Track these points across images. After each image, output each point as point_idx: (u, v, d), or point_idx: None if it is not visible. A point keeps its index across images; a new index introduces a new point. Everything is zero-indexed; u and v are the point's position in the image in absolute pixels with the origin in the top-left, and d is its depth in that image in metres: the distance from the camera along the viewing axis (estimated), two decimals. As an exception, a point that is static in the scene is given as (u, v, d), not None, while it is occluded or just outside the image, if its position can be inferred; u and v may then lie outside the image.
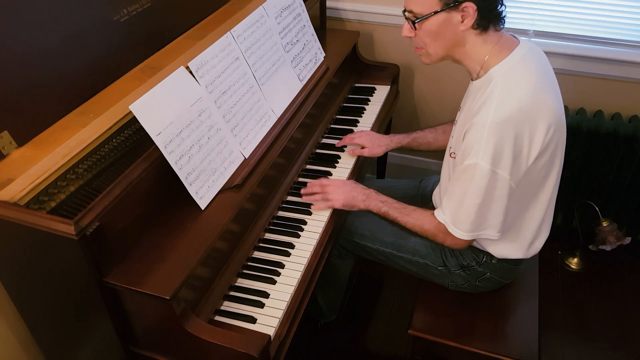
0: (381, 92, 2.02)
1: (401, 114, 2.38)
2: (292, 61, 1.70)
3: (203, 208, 1.24)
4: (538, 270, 1.58)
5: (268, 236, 1.43)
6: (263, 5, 1.61)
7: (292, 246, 1.39)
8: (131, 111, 1.12)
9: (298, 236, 1.42)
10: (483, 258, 1.42)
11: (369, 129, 1.81)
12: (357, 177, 1.66)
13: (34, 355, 1.42)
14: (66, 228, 0.98)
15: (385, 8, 2.11)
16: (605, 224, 2.10)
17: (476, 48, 1.23)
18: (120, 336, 1.18)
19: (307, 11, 1.83)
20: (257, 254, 1.37)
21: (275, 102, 1.57)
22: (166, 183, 1.22)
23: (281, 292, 1.27)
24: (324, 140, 1.79)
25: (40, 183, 1.03)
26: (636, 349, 1.87)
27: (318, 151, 1.74)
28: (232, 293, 1.27)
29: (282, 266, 1.33)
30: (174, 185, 1.21)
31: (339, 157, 1.71)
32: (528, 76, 1.20)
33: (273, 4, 1.65)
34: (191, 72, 1.30)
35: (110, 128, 1.15)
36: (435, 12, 1.19)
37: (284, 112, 1.58)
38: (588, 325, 1.96)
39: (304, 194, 1.52)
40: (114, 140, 1.20)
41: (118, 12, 1.31)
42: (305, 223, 1.46)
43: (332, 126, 1.86)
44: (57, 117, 1.18)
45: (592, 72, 1.95)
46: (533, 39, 2.00)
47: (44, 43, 1.13)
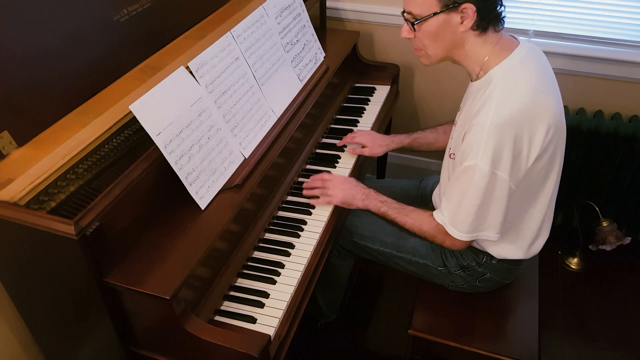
0: (381, 92, 2.02)
1: (401, 114, 2.38)
2: (292, 61, 1.70)
3: (203, 208, 1.24)
4: (538, 270, 1.58)
5: (268, 236, 1.43)
6: (263, 5, 1.61)
7: (292, 246, 1.39)
8: (131, 111, 1.12)
9: (298, 236, 1.42)
10: (483, 258, 1.42)
11: (369, 129, 1.81)
12: (357, 177, 1.66)
13: (34, 355, 1.42)
14: (66, 228, 0.98)
15: (385, 8, 2.11)
16: (605, 224, 2.10)
17: (476, 49, 1.23)
18: (120, 336, 1.18)
19: (307, 11, 1.83)
20: (257, 254, 1.37)
21: (275, 102, 1.57)
22: (166, 183, 1.22)
23: (281, 292, 1.27)
24: (324, 140, 1.79)
25: (40, 183, 1.03)
26: (636, 349, 1.87)
27: (318, 151, 1.74)
28: (232, 293, 1.27)
29: (282, 266, 1.33)
30: (174, 185, 1.21)
31: (339, 157, 1.71)
32: (528, 77, 1.19)
33: (273, 4, 1.65)
34: (191, 72, 1.30)
35: (110, 128, 1.15)
36: (434, 14, 1.18)
37: (284, 112, 1.58)
38: (588, 325, 1.96)
39: (305, 188, 1.53)
40: (114, 140, 1.20)
41: (118, 12, 1.31)
42: (305, 223, 1.46)
43: (332, 126, 1.86)
44: (57, 117, 1.18)
45: (592, 72, 1.95)
46: (533, 39, 2.00)
47: (44, 43, 1.13)
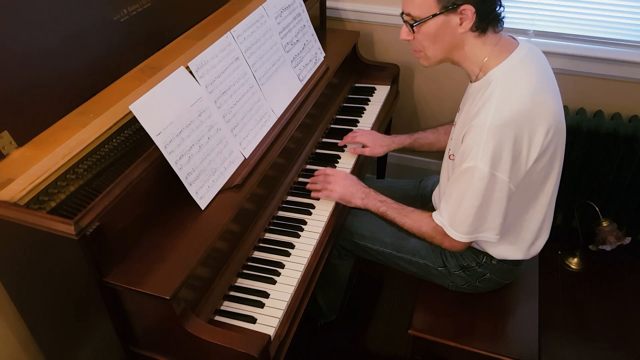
0: (381, 92, 2.02)
1: (401, 114, 2.38)
2: (292, 61, 1.70)
3: (203, 208, 1.24)
4: (538, 270, 1.58)
5: (268, 236, 1.43)
6: (263, 5, 1.61)
7: (292, 246, 1.39)
8: (131, 111, 1.12)
9: (298, 236, 1.42)
10: (483, 259, 1.42)
11: (369, 129, 1.81)
12: (357, 177, 1.66)
13: (34, 355, 1.42)
14: (66, 228, 0.98)
15: (385, 8, 2.11)
16: (605, 224, 2.10)
17: (475, 50, 1.23)
18: (120, 336, 1.18)
19: (307, 11, 1.83)
20: (257, 254, 1.37)
21: (275, 102, 1.57)
22: (166, 183, 1.22)
23: (281, 292, 1.27)
24: (324, 140, 1.79)
25: (40, 183, 1.03)
26: (636, 349, 1.87)
27: (318, 151, 1.74)
28: (232, 293, 1.27)
29: (282, 266, 1.33)
30: (174, 185, 1.21)
31: (339, 157, 1.71)
32: (527, 78, 1.19)
33: (273, 4, 1.65)
34: (191, 72, 1.30)
35: (110, 128, 1.15)
36: (433, 15, 1.18)
37: (284, 112, 1.58)
38: (588, 325, 1.96)
39: (311, 182, 1.55)
40: (114, 140, 1.20)
41: (118, 12, 1.31)
42: (305, 223, 1.46)
43: (332, 126, 1.86)
44: (57, 117, 1.18)
45: (592, 72, 1.95)
46: (533, 39, 2.00)
47: (44, 43, 1.13)
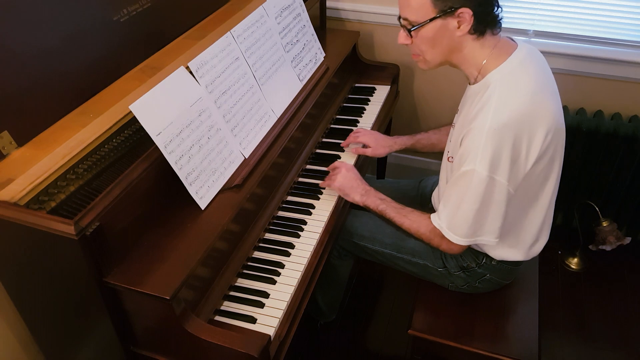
0: (381, 92, 2.02)
1: (401, 114, 2.38)
2: (292, 61, 1.70)
3: (203, 208, 1.24)
4: (538, 270, 1.58)
5: (268, 236, 1.43)
6: (263, 5, 1.61)
7: (292, 246, 1.39)
8: (131, 111, 1.12)
9: (298, 236, 1.42)
10: (482, 259, 1.42)
11: (369, 129, 1.80)
12: (358, 175, 1.66)
13: (34, 355, 1.42)
14: (66, 228, 0.98)
15: (385, 8, 2.11)
16: (605, 224, 2.10)
17: (474, 53, 1.22)
18: (120, 336, 1.18)
19: (307, 11, 1.83)
20: (257, 254, 1.37)
21: (275, 102, 1.57)
22: (166, 183, 1.22)
23: (281, 292, 1.27)
24: (324, 140, 1.79)
25: (40, 183, 1.03)
26: (636, 349, 1.87)
27: (318, 151, 1.74)
28: (232, 293, 1.27)
29: (282, 266, 1.33)
30: (174, 185, 1.21)
31: (339, 157, 1.71)
32: (526, 80, 1.19)
33: (273, 4, 1.65)
34: (191, 72, 1.30)
35: (110, 128, 1.15)
36: (430, 20, 1.17)
37: (284, 112, 1.58)
38: (588, 325, 1.96)
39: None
40: (114, 140, 1.20)
41: (118, 12, 1.31)
42: (305, 223, 1.46)
43: (332, 126, 1.86)
44: (57, 117, 1.18)
45: (592, 72, 1.95)
46: (533, 39, 2.00)
47: (44, 43, 1.13)
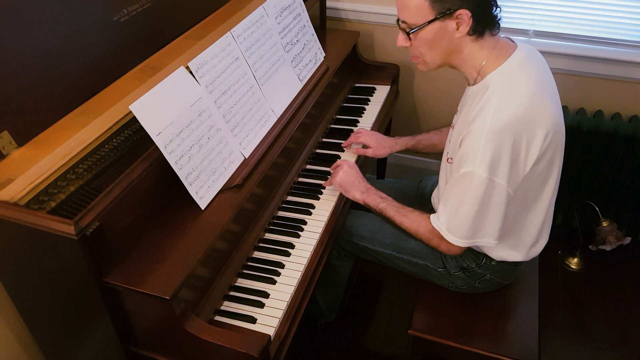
0: (381, 92, 2.02)
1: (401, 114, 2.38)
2: (292, 61, 1.70)
3: (203, 208, 1.24)
4: (538, 270, 1.58)
5: (268, 236, 1.43)
6: (263, 5, 1.61)
7: (292, 246, 1.39)
8: (131, 111, 1.12)
9: (298, 236, 1.42)
10: (482, 260, 1.42)
11: (369, 129, 1.80)
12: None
13: (34, 355, 1.42)
14: (66, 228, 0.98)
15: (385, 8, 2.11)
16: (605, 224, 2.10)
17: (473, 54, 1.22)
18: (120, 336, 1.18)
19: (307, 11, 1.83)
20: (257, 254, 1.37)
21: (275, 102, 1.57)
22: (166, 183, 1.22)
23: (281, 292, 1.27)
24: (324, 140, 1.79)
25: (40, 183, 1.03)
26: (636, 349, 1.87)
27: (318, 151, 1.74)
28: (232, 293, 1.27)
29: (282, 266, 1.33)
30: (174, 185, 1.20)
31: (339, 157, 1.70)
32: (526, 81, 1.18)
33: (273, 4, 1.65)
34: (191, 72, 1.30)
35: (110, 128, 1.15)
36: (429, 22, 1.17)
37: (284, 112, 1.58)
38: (588, 325, 1.96)
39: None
40: (114, 140, 1.20)
41: (118, 12, 1.31)
42: (305, 223, 1.46)
43: (332, 126, 1.86)
44: (57, 117, 1.18)
45: (592, 72, 1.95)
46: (533, 39, 2.00)
47: (44, 43, 1.13)
